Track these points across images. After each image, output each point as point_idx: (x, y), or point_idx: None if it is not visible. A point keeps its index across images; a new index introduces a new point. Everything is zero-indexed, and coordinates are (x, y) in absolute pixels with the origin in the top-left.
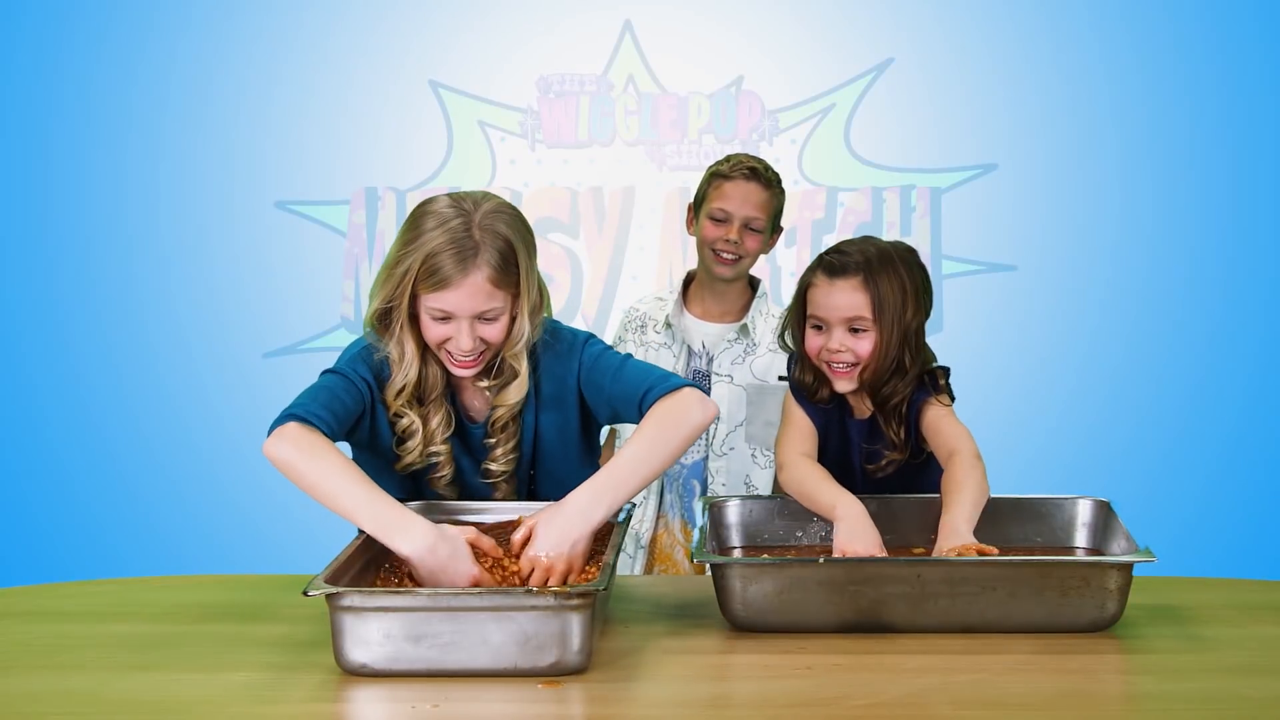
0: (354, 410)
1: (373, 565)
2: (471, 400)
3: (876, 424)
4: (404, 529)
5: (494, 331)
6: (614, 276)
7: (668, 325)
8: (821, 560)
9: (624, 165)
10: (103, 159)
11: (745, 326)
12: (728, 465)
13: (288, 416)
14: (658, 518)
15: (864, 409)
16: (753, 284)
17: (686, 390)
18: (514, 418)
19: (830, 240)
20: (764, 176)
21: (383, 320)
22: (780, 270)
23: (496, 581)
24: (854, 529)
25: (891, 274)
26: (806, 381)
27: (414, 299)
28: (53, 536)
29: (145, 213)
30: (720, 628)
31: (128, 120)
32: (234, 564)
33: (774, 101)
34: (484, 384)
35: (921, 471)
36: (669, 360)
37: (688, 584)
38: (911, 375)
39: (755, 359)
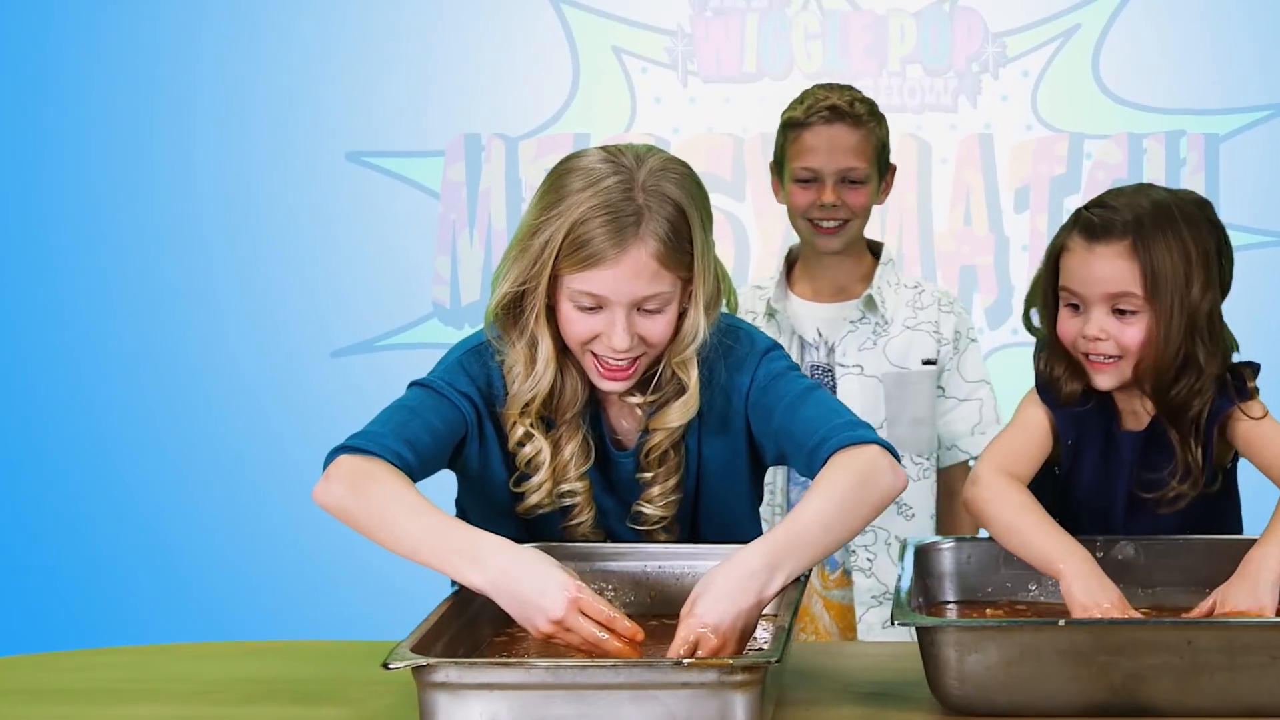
0: (445, 435)
1: (474, 627)
2: (619, 420)
3: (1156, 438)
4: (471, 553)
5: (657, 328)
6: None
7: (770, 314)
8: (1062, 623)
9: None
10: (125, 110)
11: (870, 299)
12: None
13: (340, 449)
14: None
15: (1139, 417)
16: (874, 249)
17: (876, 448)
18: (675, 445)
19: (1074, 203)
20: (849, 113)
21: (511, 311)
22: (1009, 241)
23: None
24: (1091, 586)
25: (1171, 236)
26: (1054, 376)
27: (554, 282)
28: (71, 581)
29: (178, 170)
30: (930, 709)
31: (154, 53)
32: (293, 627)
33: (999, 22)
34: (636, 400)
35: (1216, 509)
36: None
37: (885, 652)
38: (1210, 373)
39: (889, 340)
